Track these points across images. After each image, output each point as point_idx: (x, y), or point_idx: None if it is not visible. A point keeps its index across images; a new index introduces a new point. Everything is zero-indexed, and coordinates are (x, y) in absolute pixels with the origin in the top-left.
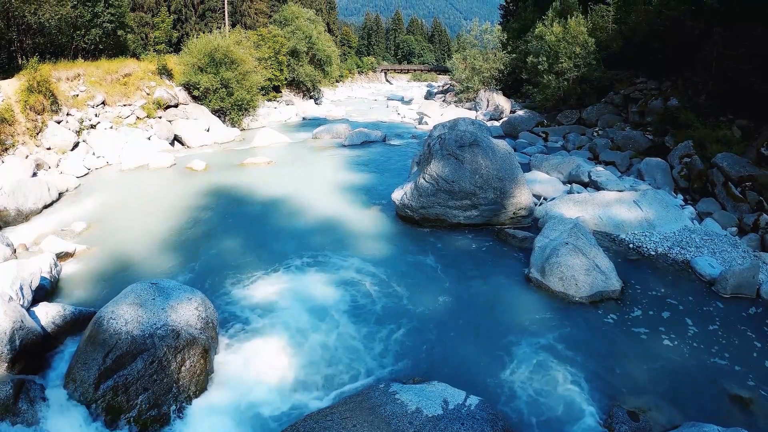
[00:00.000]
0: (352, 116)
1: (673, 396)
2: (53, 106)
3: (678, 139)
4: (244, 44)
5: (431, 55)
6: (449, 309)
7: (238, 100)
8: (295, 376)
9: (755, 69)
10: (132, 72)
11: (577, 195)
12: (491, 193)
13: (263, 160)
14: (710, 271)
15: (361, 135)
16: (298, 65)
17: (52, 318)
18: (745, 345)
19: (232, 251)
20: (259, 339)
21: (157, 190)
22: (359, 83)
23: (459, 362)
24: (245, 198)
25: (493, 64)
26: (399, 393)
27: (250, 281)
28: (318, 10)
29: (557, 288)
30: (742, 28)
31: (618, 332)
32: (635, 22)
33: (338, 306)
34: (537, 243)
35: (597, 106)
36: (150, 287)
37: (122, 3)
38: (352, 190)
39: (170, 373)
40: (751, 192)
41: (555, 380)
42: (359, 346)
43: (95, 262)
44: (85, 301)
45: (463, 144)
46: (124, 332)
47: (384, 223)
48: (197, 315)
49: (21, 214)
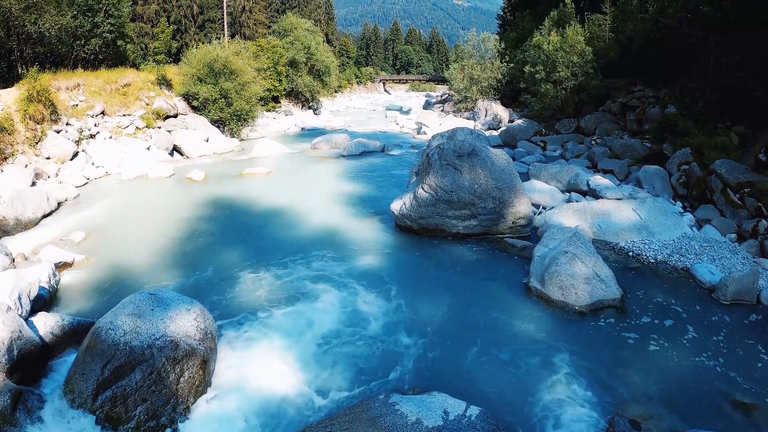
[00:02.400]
0: (350, 126)
1: (675, 403)
2: (53, 115)
3: (676, 147)
4: (243, 55)
5: (429, 65)
6: (449, 319)
7: (237, 111)
8: (295, 387)
9: (752, 75)
10: (131, 82)
11: (576, 204)
12: (490, 203)
13: (262, 170)
14: (710, 277)
15: (359, 145)
16: (297, 76)
17: (51, 328)
18: (746, 352)
19: (231, 262)
20: (258, 350)
21: (157, 200)
22: (358, 93)
23: (459, 372)
24: (244, 208)
25: (491, 74)
26: (399, 404)
27: (249, 292)
28: (317, 20)
29: (557, 297)
30: (738, 35)
31: (618, 340)
32: (632, 31)
33: (337, 317)
34: (536, 252)
35: (595, 115)
36: (149, 298)
37: (122, 13)
38: (351, 200)
39: (169, 384)
40: (750, 198)
41: (555, 389)
42: (358, 357)
43: (94, 272)
44: (83, 312)
45: (462, 154)
46: (122, 343)
47: (383, 234)
48: (196, 326)
49: (20, 224)
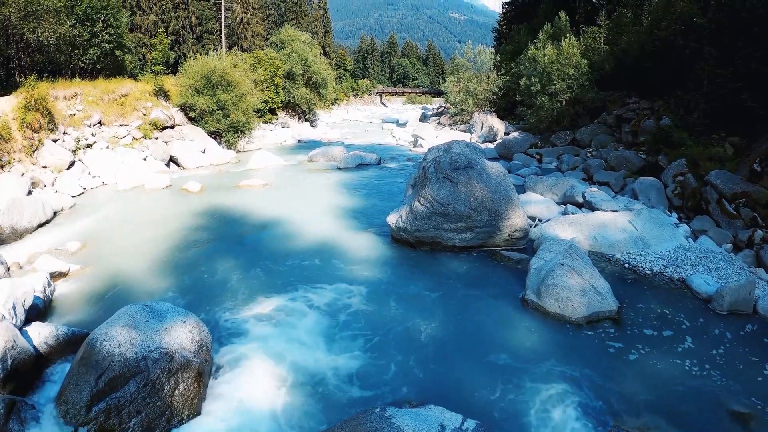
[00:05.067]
0: (347, 139)
1: (672, 415)
2: (50, 124)
3: (671, 158)
4: (241, 66)
5: (426, 77)
6: (445, 332)
7: (234, 122)
8: (290, 400)
9: (746, 86)
10: (129, 92)
11: (572, 216)
12: (486, 216)
13: (258, 182)
14: (706, 288)
15: (356, 158)
16: (294, 88)
17: (45, 338)
18: (743, 362)
19: (227, 274)
20: (253, 362)
21: (153, 211)
22: (355, 106)
23: (455, 385)
24: (240, 220)
25: (487, 87)
26: (395, 417)
27: (244, 304)
28: (314, 33)
29: (553, 309)
30: (732, 47)
31: (615, 352)
32: (627, 43)
33: (333, 329)
34: (532, 264)
35: (590, 127)
36: (144, 309)
37: (121, 23)
38: (348, 213)
39: (163, 396)
40: (745, 208)
41: (552, 402)
42: (354, 370)
43: (89, 283)
44: (78, 322)
45: (458, 167)
46: (117, 354)
47: (379, 246)
48: (191, 338)
49: (15, 232)
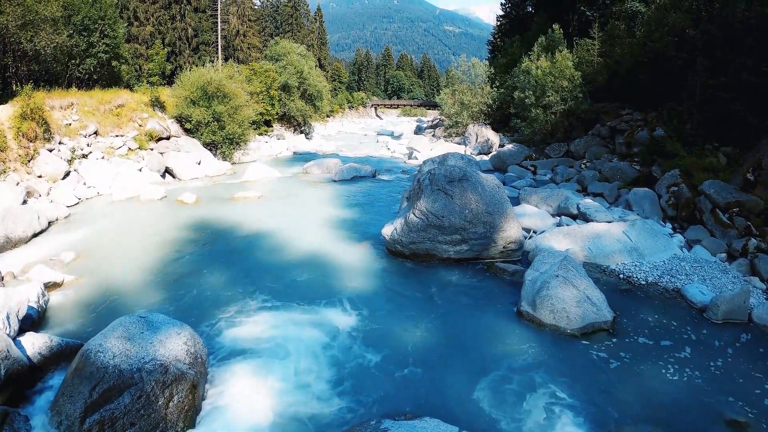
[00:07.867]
0: (342, 151)
1: (669, 425)
2: (46, 134)
3: (665, 169)
4: (237, 78)
5: (421, 90)
6: (440, 344)
7: (229, 134)
8: (285, 413)
9: (738, 96)
10: (125, 103)
11: (567, 227)
12: (481, 228)
13: (254, 194)
14: (701, 298)
15: (351, 170)
16: (290, 100)
17: (39, 348)
18: (739, 371)
19: (222, 286)
20: (247, 375)
21: (148, 222)
22: (350, 118)
23: (451, 397)
24: (235, 232)
25: (482, 99)
26: (391, 429)
27: (240, 317)
28: (309, 45)
29: (548, 321)
30: (724, 57)
31: (611, 363)
32: (620, 55)
33: (327, 342)
34: (527, 276)
35: (584, 139)
36: (138, 320)
37: (117, 34)
38: (343, 225)
39: (158, 408)
40: (739, 217)
41: (548, 414)
42: (349, 383)
43: (83, 293)
44: (72, 333)
45: (453, 179)
46: (111, 366)
47: (374, 259)
48: (186, 350)
49: (10, 242)
